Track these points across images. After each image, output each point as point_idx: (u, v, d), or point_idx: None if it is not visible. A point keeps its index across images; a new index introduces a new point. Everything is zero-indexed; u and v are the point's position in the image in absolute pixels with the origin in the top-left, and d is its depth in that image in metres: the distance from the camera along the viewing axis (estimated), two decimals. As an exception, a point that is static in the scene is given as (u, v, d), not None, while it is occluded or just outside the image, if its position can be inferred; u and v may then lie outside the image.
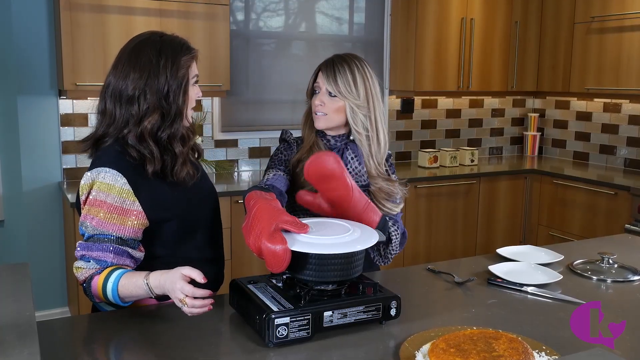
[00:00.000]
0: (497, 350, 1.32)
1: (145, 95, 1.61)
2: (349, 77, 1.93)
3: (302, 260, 1.52)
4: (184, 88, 1.66)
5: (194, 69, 1.71)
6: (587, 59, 4.52)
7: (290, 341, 1.47)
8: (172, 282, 1.49)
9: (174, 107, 1.64)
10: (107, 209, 1.60)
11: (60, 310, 3.91)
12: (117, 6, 3.42)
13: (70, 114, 3.76)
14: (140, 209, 1.63)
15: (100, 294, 1.59)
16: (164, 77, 1.62)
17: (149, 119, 1.61)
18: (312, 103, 1.99)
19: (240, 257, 3.69)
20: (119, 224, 1.61)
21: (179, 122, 1.66)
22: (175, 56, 1.65)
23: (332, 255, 1.51)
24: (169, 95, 1.62)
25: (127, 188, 1.61)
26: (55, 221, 3.82)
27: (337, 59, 1.97)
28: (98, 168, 1.62)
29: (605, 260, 2.11)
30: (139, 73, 1.61)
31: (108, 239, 1.61)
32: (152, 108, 1.62)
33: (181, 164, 1.68)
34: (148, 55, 1.63)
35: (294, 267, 1.54)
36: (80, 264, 1.62)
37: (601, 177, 4.38)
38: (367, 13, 4.68)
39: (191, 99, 1.71)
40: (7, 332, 1.16)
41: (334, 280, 1.55)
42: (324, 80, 1.95)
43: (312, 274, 1.53)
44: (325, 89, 1.94)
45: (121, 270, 1.60)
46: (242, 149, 4.34)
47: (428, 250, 4.37)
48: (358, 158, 1.98)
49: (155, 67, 1.62)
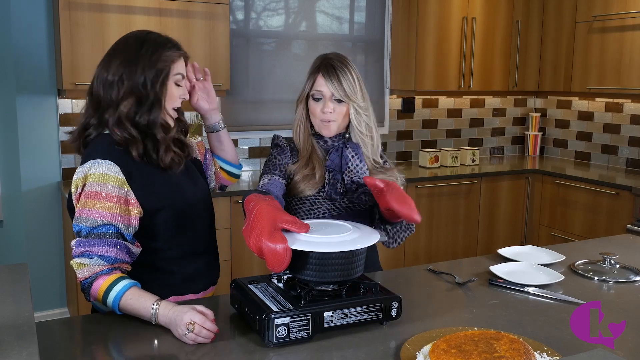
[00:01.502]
0: (499, 351, 1.31)
1: (123, 81, 1.65)
2: (350, 80, 1.92)
3: (302, 259, 1.52)
4: (162, 80, 1.67)
5: (178, 67, 1.72)
6: (588, 58, 4.51)
7: (290, 341, 1.46)
8: (183, 312, 1.49)
9: (152, 94, 1.66)
10: (105, 198, 1.60)
11: (59, 310, 3.90)
12: (116, 5, 3.41)
13: (70, 113, 3.75)
14: (133, 197, 1.64)
15: (100, 296, 1.58)
16: (141, 65, 1.66)
17: (125, 103, 1.65)
18: (314, 110, 1.95)
19: (240, 257, 3.68)
20: (118, 212, 1.61)
21: (157, 111, 1.68)
22: (156, 48, 1.68)
23: (333, 254, 1.50)
24: (146, 82, 1.65)
25: (120, 176, 1.62)
26: (54, 221, 3.81)
27: (334, 62, 1.93)
28: (90, 161, 1.63)
29: (607, 260, 2.10)
30: (120, 60, 1.67)
31: (109, 233, 1.60)
32: (128, 93, 1.65)
33: (164, 149, 1.70)
34: (131, 45, 1.69)
35: (295, 267, 1.54)
36: (83, 260, 1.59)
37: (603, 177, 4.36)
38: (368, 12, 4.67)
39: (172, 95, 1.72)
40: (6, 332, 1.16)
41: (334, 280, 1.54)
42: (329, 86, 1.91)
43: (313, 274, 1.52)
44: (331, 94, 1.91)
45: (128, 282, 1.59)
46: (242, 148, 4.33)
47: (429, 251, 4.36)
48: (359, 156, 1.97)
49: (135, 55, 1.67)
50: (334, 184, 1.96)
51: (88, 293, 1.61)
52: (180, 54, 1.73)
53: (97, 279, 1.59)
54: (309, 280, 1.54)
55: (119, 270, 1.62)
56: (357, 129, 1.97)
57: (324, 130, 1.96)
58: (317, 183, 1.95)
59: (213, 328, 1.48)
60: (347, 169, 1.96)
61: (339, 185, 1.96)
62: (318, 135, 2.00)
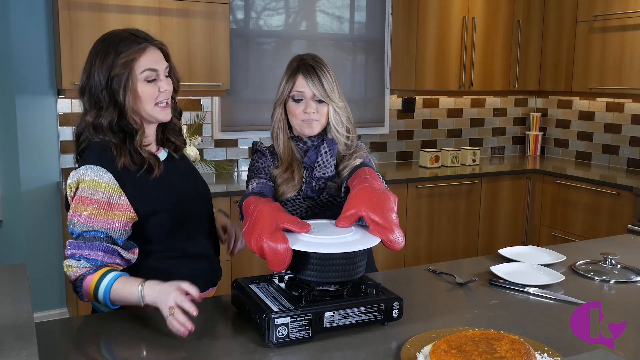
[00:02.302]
0: (499, 352, 1.31)
1: (84, 90, 1.67)
2: (329, 79, 1.92)
3: (303, 260, 1.51)
4: (124, 84, 1.62)
5: (143, 64, 1.65)
6: (589, 58, 4.50)
7: (291, 341, 1.46)
8: (167, 292, 1.49)
9: (106, 100, 1.64)
10: (94, 205, 1.61)
11: (58, 311, 3.90)
12: (115, 5, 3.41)
13: (69, 113, 3.74)
14: (127, 202, 1.64)
15: (91, 293, 1.60)
16: (96, 71, 1.63)
17: (91, 112, 1.66)
18: (294, 111, 1.93)
19: (240, 257, 3.67)
20: (106, 218, 1.62)
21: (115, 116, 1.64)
22: (107, 53, 1.63)
23: (334, 254, 1.50)
24: (102, 89, 1.63)
25: (112, 182, 1.62)
26: (54, 221, 3.80)
27: (312, 62, 1.93)
28: (84, 166, 1.64)
29: (607, 260, 2.10)
30: (85, 68, 1.67)
31: (98, 237, 1.61)
32: (90, 101, 1.66)
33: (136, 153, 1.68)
34: (92, 51, 1.67)
35: (296, 268, 1.54)
36: (71, 262, 1.62)
37: (604, 177, 4.35)
38: (368, 12, 4.66)
39: (142, 94, 1.66)
40: (5, 333, 1.16)
41: (335, 280, 1.53)
42: (310, 86, 1.90)
43: (314, 274, 1.52)
44: (312, 95, 1.90)
45: (116, 273, 1.60)
46: (242, 148, 4.32)
47: (429, 251, 4.35)
48: (332, 152, 1.95)
49: (92, 62, 1.65)
50: (310, 182, 1.95)
51: (81, 293, 1.63)
52: (140, 49, 1.64)
53: (85, 278, 1.60)
54: (310, 280, 1.53)
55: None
56: (334, 129, 1.95)
57: (306, 130, 1.94)
58: (296, 185, 1.94)
59: (191, 309, 1.45)
60: (317, 164, 1.94)
61: (314, 183, 1.95)
62: (296, 138, 1.99)
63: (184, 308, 1.46)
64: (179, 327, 1.45)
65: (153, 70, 1.66)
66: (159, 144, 1.81)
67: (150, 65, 1.66)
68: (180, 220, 1.74)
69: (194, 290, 1.50)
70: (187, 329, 1.45)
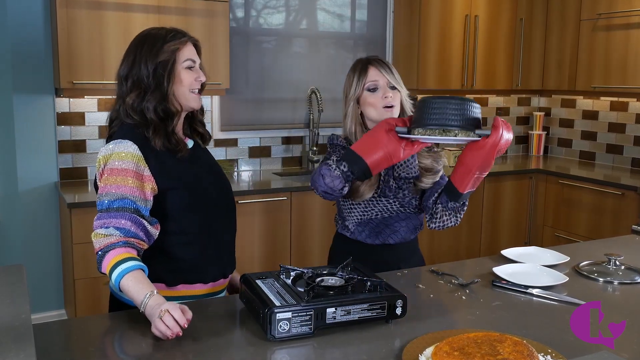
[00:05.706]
0: (502, 354, 1.30)
1: (127, 78, 1.82)
2: (395, 70, 2.05)
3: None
4: (169, 70, 1.80)
5: (185, 54, 1.83)
6: (593, 56, 4.46)
7: (293, 337, 1.48)
8: (165, 305, 1.51)
9: (153, 85, 1.80)
10: (124, 174, 1.71)
11: (56, 312, 3.88)
12: (114, 3, 3.38)
13: (67, 112, 3.72)
14: (150, 174, 1.76)
15: (108, 270, 1.64)
16: (143, 60, 1.80)
17: (131, 95, 1.81)
18: (372, 101, 2.00)
19: (240, 257, 3.63)
20: (133, 186, 1.71)
21: (159, 98, 1.80)
22: (155, 43, 1.82)
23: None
24: (148, 75, 1.80)
25: (138, 154, 1.75)
26: (52, 222, 3.78)
27: (378, 58, 2.05)
28: (113, 141, 1.78)
29: (611, 261, 2.09)
30: (127, 59, 1.84)
31: (126, 207, 1.69)
32: (133, 87, 1.82)
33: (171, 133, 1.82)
34: (135, 44, 1.85)
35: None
36: (100, 231, 1.68)
37: (608, 177, 4.32)
38: (370, 10, 4.63)
39: (184, 80, 1.83)
40: (2, 334, 1.17)
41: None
42: (383, 74, 2.00)
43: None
44: (387, 81, 2.00)
45: (136, 264, 1.63)
46: (242, 148, 4.29)
47: (431, 252, 4.32)
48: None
49: (137, 53, 1.82)
50: (387, 180, 2.01)
51: (100, 264, 1.67)
52: (182, 41, 1.83)
53: (109, 251, 1.64)
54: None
55: (133, 247, 1.67)
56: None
57: (387, 115, 1.99)
58: (374, 184, 2.00)
59: (181, 319, 1.47)
60: (400, 163, 2.00)
61: (392, 182, 2.01)
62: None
63: (174, 316, 1.47)
64: (165, 329, 1.46)
65: (193, 60, 1.86)
66: (185, 135, 1.94)
67: (191, 56, 1.85)
68: (197, 201, 1.82)
69: (188, 314, 1.51)
70: (173, 333, 1.46)
